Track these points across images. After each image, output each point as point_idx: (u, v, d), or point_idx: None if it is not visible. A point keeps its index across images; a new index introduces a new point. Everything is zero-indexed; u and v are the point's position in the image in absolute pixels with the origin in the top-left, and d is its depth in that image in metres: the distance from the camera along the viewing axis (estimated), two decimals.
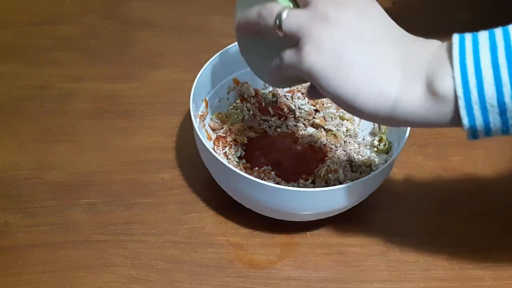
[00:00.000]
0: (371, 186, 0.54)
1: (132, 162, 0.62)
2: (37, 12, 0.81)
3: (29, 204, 0.58)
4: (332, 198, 0.51)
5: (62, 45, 0.76)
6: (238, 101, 0.65)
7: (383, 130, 0.61)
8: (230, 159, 0.59)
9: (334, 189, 0.50)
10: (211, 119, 0.62)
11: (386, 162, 0.53)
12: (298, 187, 0.56)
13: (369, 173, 0.57)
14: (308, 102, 0.65)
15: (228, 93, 0.64)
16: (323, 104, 0.65)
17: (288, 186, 0.56)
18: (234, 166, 0.54)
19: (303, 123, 0.64)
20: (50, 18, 0.80)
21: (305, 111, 0.64)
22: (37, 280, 0.52)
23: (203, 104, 0.60)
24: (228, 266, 0.54)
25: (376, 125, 0.62)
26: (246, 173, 0.53)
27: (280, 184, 0.55)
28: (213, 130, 0.62)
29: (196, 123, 0.54)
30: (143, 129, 0.66)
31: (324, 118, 0.64)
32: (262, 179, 0.55)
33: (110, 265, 0.53)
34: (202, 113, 0.60)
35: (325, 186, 0.56)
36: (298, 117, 0.64)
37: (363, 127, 0.64)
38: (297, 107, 0.65)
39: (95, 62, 0.74)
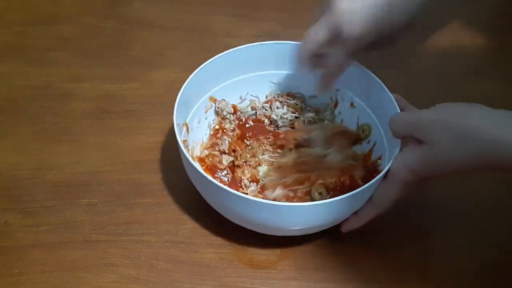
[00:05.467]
0: (363, 198, 0.52)
1: (132, 162, 0.62)
2: (37, 12, 0.81)
3: (29, 204, 0.58)
4: (327, 212, 0.50)
5: (62, 45, 0.76)
6: (217, 120, 0.64)
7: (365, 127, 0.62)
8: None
9: (327, 202, 0.48)
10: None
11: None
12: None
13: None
14: (288, 111, 0.65)
15: (206, 112, 0.63)
16: (302, 110, 0.66)
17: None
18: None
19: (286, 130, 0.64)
20: (50, 18, 0.80)
21: (287, 119, 0.65)
22: (37, 280, 0.52)
23: (184, 128, 0.58)
24: (228, 266, 0.54)
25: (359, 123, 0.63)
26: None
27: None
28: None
29: (183, 147, 0.52)
30: (143, 129, 0.66)
31: (304, 122, 0.64)
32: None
33: (110, 265, 0.53)
34: (185, 138, 0.58)
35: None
36: (281, 126, 0.64)
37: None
38: (279, 116, 0.64)
39: (95, 62, 0.74)
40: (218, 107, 0.63)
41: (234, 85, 0.64)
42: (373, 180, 0.49)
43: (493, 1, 0.92)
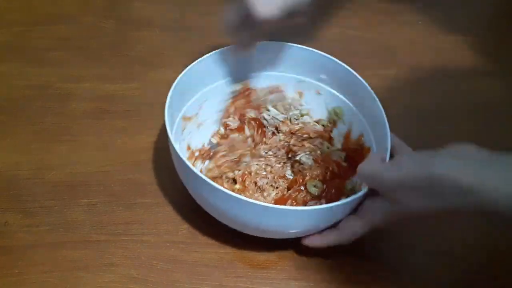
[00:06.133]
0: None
1: (132, 162, 0.62)
2: (37, 12, 0.81)
3: (29, 204, 0.58)
4: (313, 217, 0.50)
5: (62, 45, 0.76)
6: None
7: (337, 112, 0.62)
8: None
9: (316, 209, 0.48)
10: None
11: None
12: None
13: None
14: (278, 111, 0.65)
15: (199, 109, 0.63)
16: (287, 109, 0.66)
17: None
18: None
19: (272, 131, 0.64)
20: (50, 18, 0.80)
21: (278, 120, 0.65)
22: (37, 280, 0.52)
23: (186, 122, 0.60)
24: (228, 266, 0.54)
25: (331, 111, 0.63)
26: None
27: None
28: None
29: (171, 137, 0.52)
30: (143, 129, 0.66)
31: (290, 120, 0.65)
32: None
33: (110, 265, 0.54)
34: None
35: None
36: (266, 126, 0.64)
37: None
38: (271, 116, 0.64)
39: (95, 62, 0.74)
40: None
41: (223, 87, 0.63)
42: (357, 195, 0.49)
43: (493, 1, 0.92)
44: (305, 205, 0.57)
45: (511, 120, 0.70)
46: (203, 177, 0.48)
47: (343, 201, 0.48)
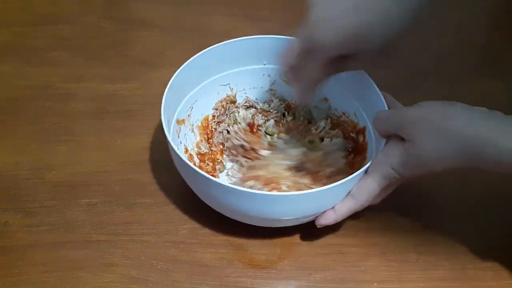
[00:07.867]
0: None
1: (132, 162, 0.62)
2: (37, 12, 0.81)
3: (29, 204, 0.58)
4: (304, 202, 0.50)
5: (62, 45, 0.76)
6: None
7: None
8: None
9: (305, 194, 0.48)
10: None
11: None
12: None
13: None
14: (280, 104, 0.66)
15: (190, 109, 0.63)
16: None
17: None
18: None
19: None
20: (50, 18, 0.80)
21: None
22: (37, 280, 0.52)
23: (182, 126, 0.61)
24: (228, 266, 0.54)
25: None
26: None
27: None
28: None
29: (167, 131, 0.53)
30: (143, 129, 0.66)
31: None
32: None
33: (110, 265, 0.54)
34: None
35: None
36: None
37: None
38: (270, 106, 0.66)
39: (95, 62, 0.74)
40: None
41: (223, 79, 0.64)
42: (359, 171, 0.50)
43: (493, 1, 0.92)
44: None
45: None
46: (208, 176, 0.49)
47: (359, 171, 0.49)
